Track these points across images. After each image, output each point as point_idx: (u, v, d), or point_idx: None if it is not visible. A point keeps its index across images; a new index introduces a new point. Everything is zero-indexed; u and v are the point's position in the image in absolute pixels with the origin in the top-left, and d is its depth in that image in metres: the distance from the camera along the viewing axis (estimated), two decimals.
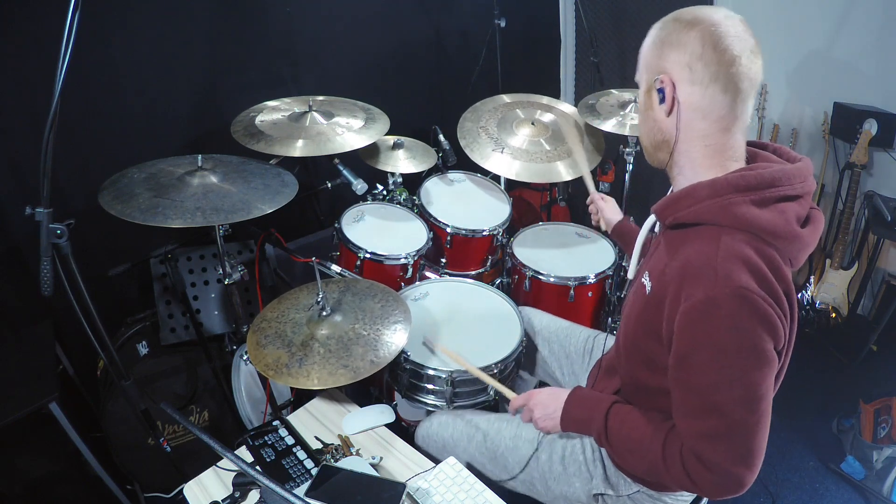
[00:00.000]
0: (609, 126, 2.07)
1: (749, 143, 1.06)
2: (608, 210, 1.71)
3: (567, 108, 2.32)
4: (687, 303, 0.91)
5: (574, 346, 1.60)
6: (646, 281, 1.06)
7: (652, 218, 1.13)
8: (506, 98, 2.35)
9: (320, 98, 2.11)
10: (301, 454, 1.27)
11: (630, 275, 1.15)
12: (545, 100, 2.36)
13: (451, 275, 2.07)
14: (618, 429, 1.10)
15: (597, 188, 1.77)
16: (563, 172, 2.05)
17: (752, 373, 0.89)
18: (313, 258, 1.52)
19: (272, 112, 1.96)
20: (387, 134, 1.99)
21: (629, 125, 2.06)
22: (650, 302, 1.01)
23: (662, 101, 0.99)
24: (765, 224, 0.91)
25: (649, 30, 1.03)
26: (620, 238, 1.68)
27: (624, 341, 1.14)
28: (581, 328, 1.65)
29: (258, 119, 1.90)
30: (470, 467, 1.37)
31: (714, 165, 0.99)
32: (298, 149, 1.78)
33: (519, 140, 2.14)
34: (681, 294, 0.93)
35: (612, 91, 2.30)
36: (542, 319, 1.70)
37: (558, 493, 1.30)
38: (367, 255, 1.83)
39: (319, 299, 1.46)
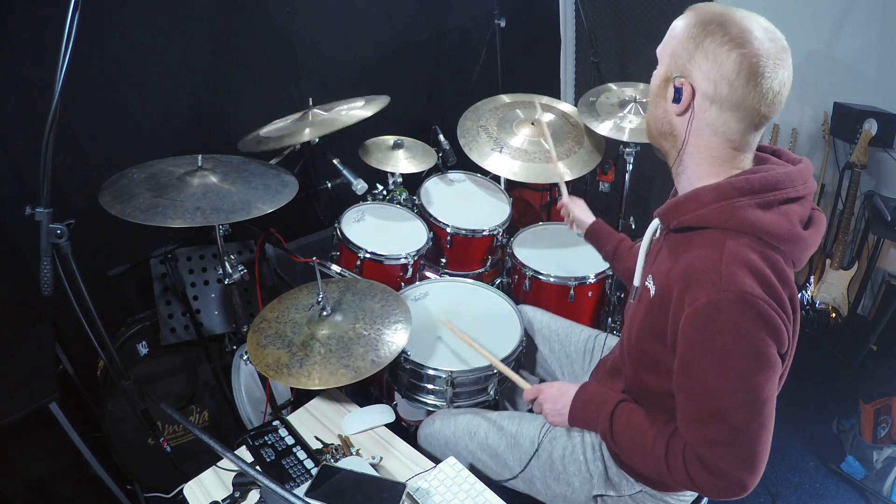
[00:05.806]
0: (606, 129, 2.04)
1: None
2: (577, 209, 1.65)
3: (567, 107, 2.32)
4: (690, 307, 0.91)
5: (574, 346, 1.60)
6: (650, 285, 1.06)
7: (655, 222, 1.13)
8: (505, 98, 2.35)
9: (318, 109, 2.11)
10: (301, 454, 1.27)
11: (636, 281, 1.13)
12: (545, 99, 2.36)
13: (451, 275, 2.06)
14: (622, 429, 1.10)
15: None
16: (562, 173, 2.04)
17: (756, 377, 0.89)
18: (313, 258, 1.52)
19: (275, 123, 2.00)
20: (387, 134, 1.99)
21: (628, 129, 2.04)
22: (654, 305, 1.01)
23: (677, 101, 0.97)
24: (769, 227, 0.90)
25: (690, 9, 0.96)
26: (594, 239, 1.59)
27: (627, 345, 1.14)
28: (581, 328, 1.64)
29: (262, 131, 1.92)
30: (471, 466, 1.37)
31: (719, 173, 0.98)
32: (307, 134, 1.81)
33: (519, 140, 2.14)
34: (684, 298, 0.92)
35: (612, 86, 2.27)
36: (542, 318, 1.70)
37: (557, 493, 1.30)
38: (367, 255, 1.83)
39: (320, 299, 1.46)
